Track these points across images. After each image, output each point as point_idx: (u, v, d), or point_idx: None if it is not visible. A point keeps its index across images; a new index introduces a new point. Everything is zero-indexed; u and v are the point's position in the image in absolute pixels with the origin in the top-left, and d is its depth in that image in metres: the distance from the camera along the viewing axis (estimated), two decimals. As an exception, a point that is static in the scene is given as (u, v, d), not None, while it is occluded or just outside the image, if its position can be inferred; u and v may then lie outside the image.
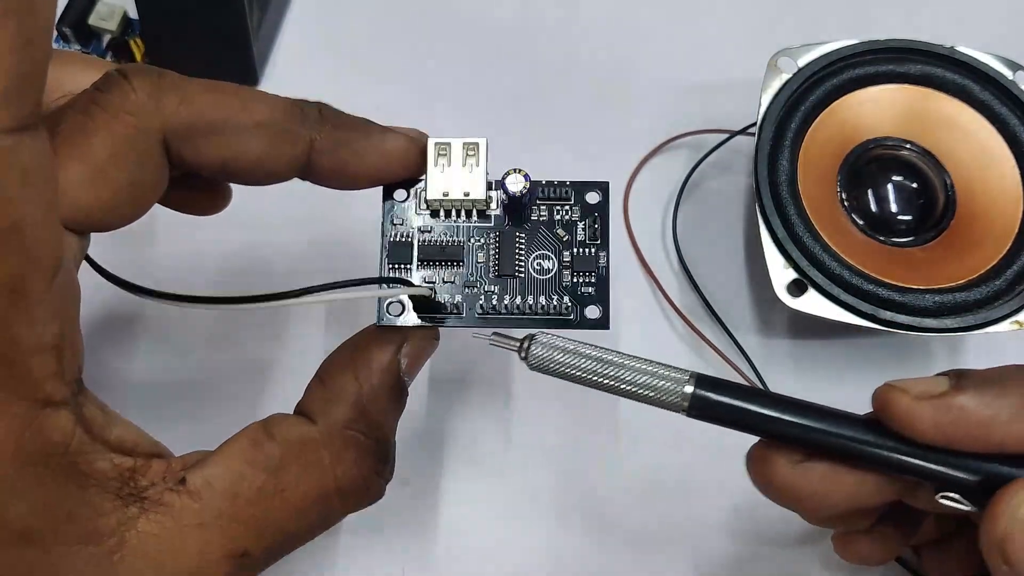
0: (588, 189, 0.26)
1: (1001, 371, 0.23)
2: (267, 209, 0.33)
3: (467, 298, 0.26)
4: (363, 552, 0.32)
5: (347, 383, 0.24)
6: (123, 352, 0.35)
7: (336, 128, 0.24)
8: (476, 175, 0.25)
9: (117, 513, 0.20)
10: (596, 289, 0.26)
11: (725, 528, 0.33)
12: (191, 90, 0.23)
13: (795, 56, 0.36)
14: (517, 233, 0.26)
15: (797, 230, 0.33)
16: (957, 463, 0.22)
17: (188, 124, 0.22)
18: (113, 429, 0.21)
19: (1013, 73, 0.35)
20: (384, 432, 0.25)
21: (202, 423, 0.23)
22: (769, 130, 0.34)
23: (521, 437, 0.34)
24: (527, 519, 0.33)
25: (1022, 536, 0.21)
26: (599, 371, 0.24)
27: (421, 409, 0.35)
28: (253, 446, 0.23)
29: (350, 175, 0.25)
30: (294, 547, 0.24)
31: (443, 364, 0.35)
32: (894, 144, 0.36)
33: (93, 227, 0.22)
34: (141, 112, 0.22)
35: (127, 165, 0.22)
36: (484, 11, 0.42)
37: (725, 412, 0.23)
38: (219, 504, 0.22)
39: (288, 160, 0.24)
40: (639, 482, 0.34)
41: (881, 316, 0.32)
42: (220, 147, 0.23)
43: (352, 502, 0.24)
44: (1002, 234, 0.34)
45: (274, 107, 0.23)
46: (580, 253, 0.26)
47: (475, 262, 0.26)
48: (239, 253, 0.37)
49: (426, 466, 0.34)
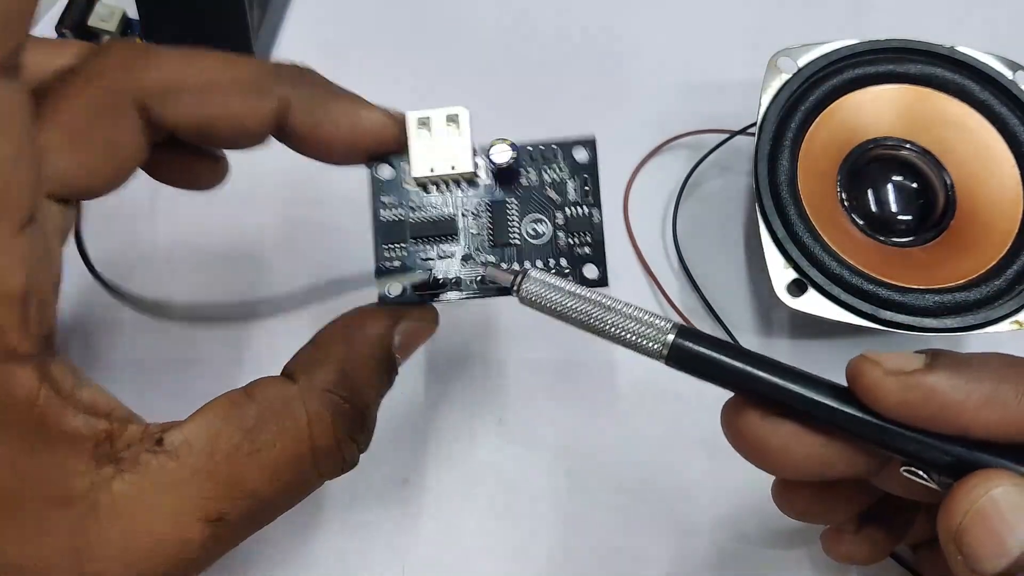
0: (575, 146, 0.26)
1: (979, 357, 0.22)
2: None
3: (464, 270, 0.26)
4: (363, 551, 0.32)
5: (335, 348, 0.24)
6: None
7: (313, 89, 0.24)
8: (461, 146, 0.25)
9: (90, 475, 0.20)
10: (592, 249, 0.26)
11: (723, 528, 0.33)
12: (164, 53, 0.23)
13: (795, 56, 0.36)
14: (508, 199, 0.26)
15: (797, 230, 0.33)
16: (923, 441, 0.22)
17: (161, 84, 0.23)
18: (84, 391, 0.21)
19: (1013, 73, 0.35)
20: (364, 400, 0.25)
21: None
22: (769, 130, 0.34)
23: (521, 437, 0.34)
24: (527, 518, 0.33)
25: (977, 529, 0.20)
26: (586, 311, 0.24)
27: (421, 408, 0.35)
28: (232, 405, 0.23)
29: (324, 141, 0.24)
30: (271, 516, 0.23)
31: (444, 364, 0.35)
32: (894, 144, 0.36)
33: (74, 192, 0.22)
34: (114, 75, 0.22)
35: (103, 127, 0.22)
36: (484, 12, 0.42)
37: (700, 363, 0.23)
38: (195, 462, 0.21)
39: (263, 117, 0.24)
40: (639, 482, 0.34)
41: (881, 316, 0.32)
42: (194, 106, 0.23)
43: (327, 467, 0.24)
44: (1002, 234, 0.34)
45: (249, 66, 0.24)
46: (573, 213, 0.26)
47: (469, 233, 0.26)
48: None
49: (426, 465, 0.34)
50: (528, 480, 0.34)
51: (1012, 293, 0.32)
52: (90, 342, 0.35)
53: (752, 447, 0.24)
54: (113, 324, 0.35)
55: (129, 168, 0.23)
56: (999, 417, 0.21)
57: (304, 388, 0.23)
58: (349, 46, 0.41)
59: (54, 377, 0.20)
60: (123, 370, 0.34)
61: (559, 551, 0.33)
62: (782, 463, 0.23)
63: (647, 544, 0.33)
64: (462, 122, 0.25)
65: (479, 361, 0.35)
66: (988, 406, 0.21)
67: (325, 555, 0.32)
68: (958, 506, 0.21)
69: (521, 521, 0.33)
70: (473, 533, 0.33)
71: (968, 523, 0.21)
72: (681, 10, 0.43)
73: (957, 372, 0.22)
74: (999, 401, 0.21)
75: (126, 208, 0.24)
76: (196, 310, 0.31)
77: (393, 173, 0.26)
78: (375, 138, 0.25)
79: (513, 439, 0.34)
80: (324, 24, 0.42)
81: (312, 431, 0.23)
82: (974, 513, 0.21)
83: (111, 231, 0.25)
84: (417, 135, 0.25)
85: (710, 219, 0.39)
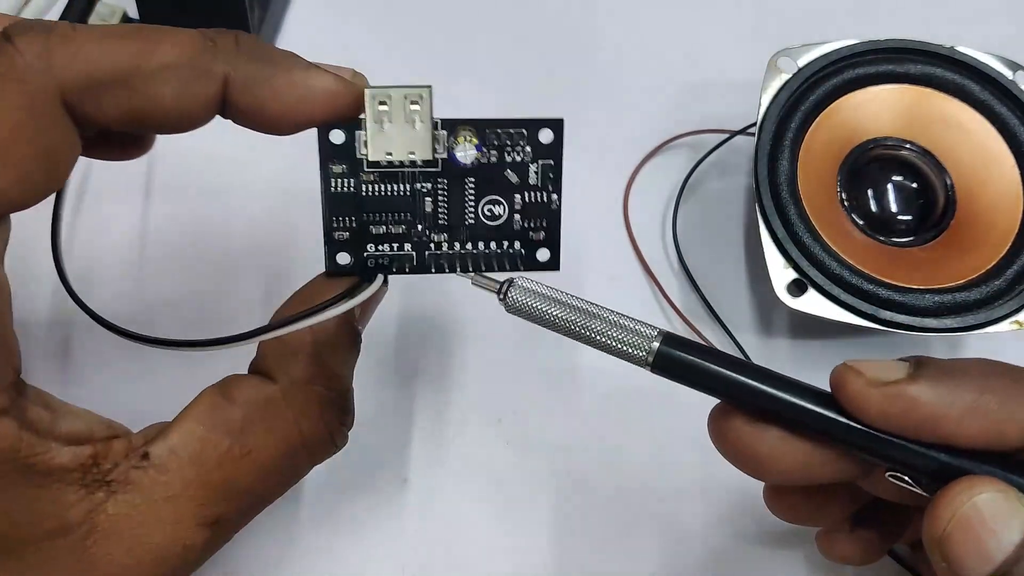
0: (541, 126, 0.24)
1: (962, 363, 0.22)
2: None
3: (416, 247, 0.25)
4: (363, 551, 0.32)
5: (302, 336, 0.23)
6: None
7: (254, 61, 0.22)
8: (421, 132, 0.23)
9: (84, 502, 0.20)
10: (546, 233, 0.25)
11: (719, 528, 0.33)
12: (85, 41, 0.21)
13: (795, 56, 0.36)
14: (466, 179, 0.24)
15: (797, 230, 0.33)
16: (907, 448, 0.22)
17: (87, 78, 0.21)
18: (62, 423, 0.21)
19: (1013, 73, 0.35)
20: (343, 383, 0.25)
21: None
22: (769, 130, 0.34)
23: (521, 437, 0.34)
24: (527, 518, 0.33)
25: (961, 536, 0.20)
26: (572, 319, 0.24)
27: (421, 409, 0.35)
28: (213, 410, 0.22)
29: (270, 116, 0.22)
30: (265, 505, 0.24)
31: (444, 364, 0.35)
32: (894, 144, 0.36)
33: (8, 208, 0.21)
34: (33, 76, 0.20)
35: (31, 137, 0.20)
36: (485, 12, 0.42)
37: (686, 370, 0.23)
38: (186, 473, 0.21)
39: (201, 102, 0.22)
40: (638, 482, 0.34)
41: (881, 316, 0.32)
42: (125, 98, 0.21)
43: (319, 455, 0.24)
44: (1002, 234, 0.34)
45: (181, 45, 0.22)
46: (532, 198, 0.25)
47: (423, 211, 0.25)
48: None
49: (426, 465, 0.34)
50: (527, 480, 0.34)
51: (1012, 293, 0.32)
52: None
53: (739, 453, 0.24)
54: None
55: (65, 172, 0.22)
56: (981, 426, 0.21)
57: (285, 386, 0.23)
58: (350, 45, 0.41)
59: (31, 420, 0.20)
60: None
61: (559, 550, 0.33)
62: (769, 468, 0.23)
63: (645, 544, 0.33)
64: (424, 103, 0.23)
65: (479, 362, 0.35)
66: (971, 416, 0.21)
67: (325, 555, 0.32)
68: (942, 513, 0.21)
69: (520, 521, 0.33)
70: (473, 533, 0.33)
71: (952, 530, 0.21)
72: (681, 10, 0.43)
73: (939, 382, 0.22)
74: (981, 411, 0.21)
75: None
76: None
77: (344, 138, 0.23)
78: (325, 107, 0.23)
79: (512, 439, 0.34)
80: (324, 24, 0.42)
81: (301, 427, 0.23)
82: (957, 520, 0.21)
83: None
84: (374, 115, 0.23)
85: (710, 219, 0.39)
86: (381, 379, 0.35)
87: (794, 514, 0.28)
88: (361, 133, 0.23)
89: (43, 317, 0.34)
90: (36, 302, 0.34)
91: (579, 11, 0.43)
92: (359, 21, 0.42)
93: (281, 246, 0.37)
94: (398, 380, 0.35)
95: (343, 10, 0.42)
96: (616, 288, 0.37)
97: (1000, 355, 0.36)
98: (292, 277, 0.35)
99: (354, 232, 0.25)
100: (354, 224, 0.24)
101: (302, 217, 0.36)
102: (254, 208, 0.37)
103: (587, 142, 0.39)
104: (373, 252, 0.25)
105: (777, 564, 0.33)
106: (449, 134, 0.24)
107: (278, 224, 0.37)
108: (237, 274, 0.36)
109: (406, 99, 0.23)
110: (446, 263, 0.25)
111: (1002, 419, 0.21)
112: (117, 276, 0.35)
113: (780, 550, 0.33)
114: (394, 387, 0.35)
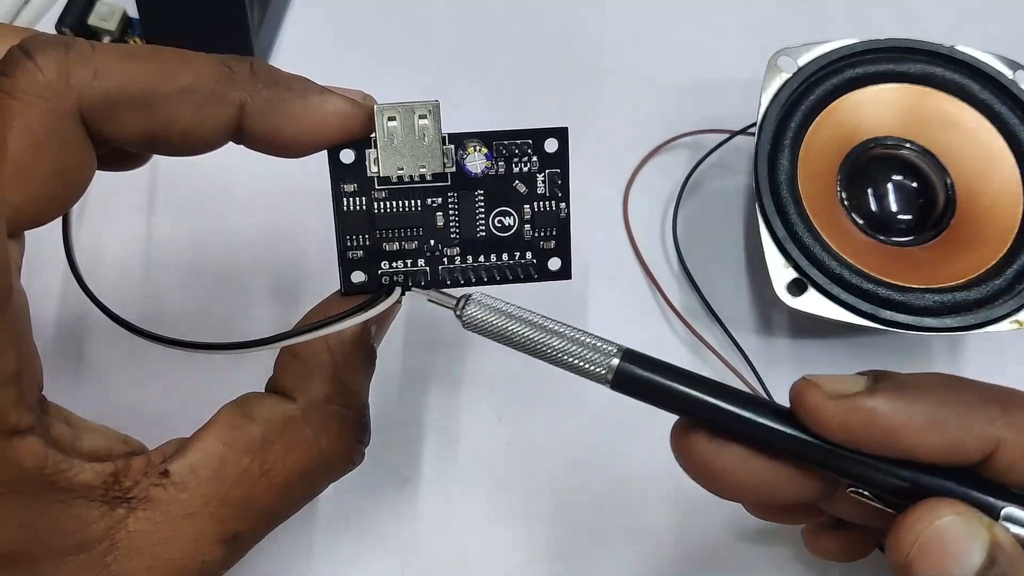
0: (546, 136, 0.25)
1: (921, 377, 0.22)
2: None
3: (430, 262, 0.25)
4: (364, 551, 0.32)
5: (320, 355, 0.24)
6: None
7: (268, 87, 0.22)
8: (431, 146, 0.24)
9: (105, 519, 0.20)
10: (557, 242, 0.25)
11: (717, 527, 0.33)
12: (104, 60, 0.21)
13: (795, 56, 0.36)
14: (476, 191, 0.25)
15: (797, 230, 0.33)
16: (867, 463, 0.22)
17: (105, 98, 0.21)
18: (84, 439, 0.21)
19: (1013, 72, 0.35)
20: (361, 401, 0.25)
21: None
22: (769, 130, 0.34)
23: (520, 436, 0.34)
24: (526, 518, 0.33)
25: (923, 561, 0.20)
26: (530, 336, 0.24)
27: (421, 409, 0.35)
28: (233, 428, 0.23)
29: (285, 141, 0.23)
30: (282, 521, 0.24)
31: (444, 363, 0.35)
32: (894, 143, 0.36)
33: (26, 225, 0.21)
34: (53, 93, 0.20)
35: (50, 154, 0.20)
36: (485, 10, 0.42)
37: (645, 388, 0.23)
38: (206, 490, 0.21)
39: (217, 127, 0.22)
40: (637, 481, 0.34)
41: (881, 316, 0.32)
42: (142, 119, 0.21)
43: (336, 472, 0.25)
44: (1002, 233, 0.34)
45: (199, 69, 0.22)
46: (541, 207, 0.25)
47: (435, 226, 0.25)
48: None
49: (426, 465, 0.34)
50: (527, 479, 0.34)
51: (1012, 293, 0.32)
52: (78, 346, 0.35)
53: (699, 470, 0.23)
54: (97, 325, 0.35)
55: (82, 189, 0.22)
56: (941, 440, 0.21)
57: (304, 406, 0.23)
58: (351, 45, 0.41)
59: (55, 437, 0.21)
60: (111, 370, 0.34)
61: (559, 550, 0.33)
62: (729, 486, 0.23)
63: (645, 543, 0.33)
64: (432, 118, 0.24)
65: (479, 362, 0.35)
66: (929, 429, 0.21)
67: (324, 555, 0.32)
68: (904, 537, 0.21)
69: (520, 520, 0.33)
70: (472, 533, 0.33)
71: (915, 555, 0.21)
72: (681, 10, 0.43)
73: (897, 394, 0.21)
74: (939, 423, 0.21)
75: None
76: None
77: (354, 157, 0.24)
78: (338, 129, 0.23)
79: (511, 438, 0.34)
80: (324, 23, 0.42)
81: (320, 445, 0.23)
82: (920, 546, 0.21)
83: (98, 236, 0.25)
84: (385, 130, 0.23)
85: (710, 219, 0.39)
86: (381, 379, 0.34)
87: (770, 516, 0.28)
88: (371, 151, 0.24)
89: (50, 319, 0.34)
90: (42, 311, 0.34)
91: (579, 12, 0.43)
92: (359, 22, 0.42)
93: (289, 258, 0.37)
94: (398, 380, 0.35)
95: (343, 11, 0.42)
96: (616, 289, 0.37)
97: (1000, 354, 0.36)
98: (302, 291, 0.36)
99: (367, 250, 0.25)
100: (367, 242, 0.25)
101: (311, 223, 0.36)
102: (260, 218, 0.37)
103: (587, 142, 0.39)
104: (387, 269, 0.25)
105: (778, 564, 0.33)
106: (457, 147, 0.24)
107: (285, 234, 0.37)
108: (245, 285, 0.36)
109: (414, 113, 0.24)
110: (460, 276, 0.25)
111: (960, 433, 0.21)
112: (121, 286, 0.36)
113: (781, 550, 0.33)
114: (394, 387, 0.35)
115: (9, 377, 0.19)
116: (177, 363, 0.34)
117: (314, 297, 0.26)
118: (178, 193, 0.37)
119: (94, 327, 0.35)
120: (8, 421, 0.19)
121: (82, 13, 0.39)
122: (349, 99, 0.23)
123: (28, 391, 0.20)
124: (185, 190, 0.37)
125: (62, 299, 0.35)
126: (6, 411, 0.19)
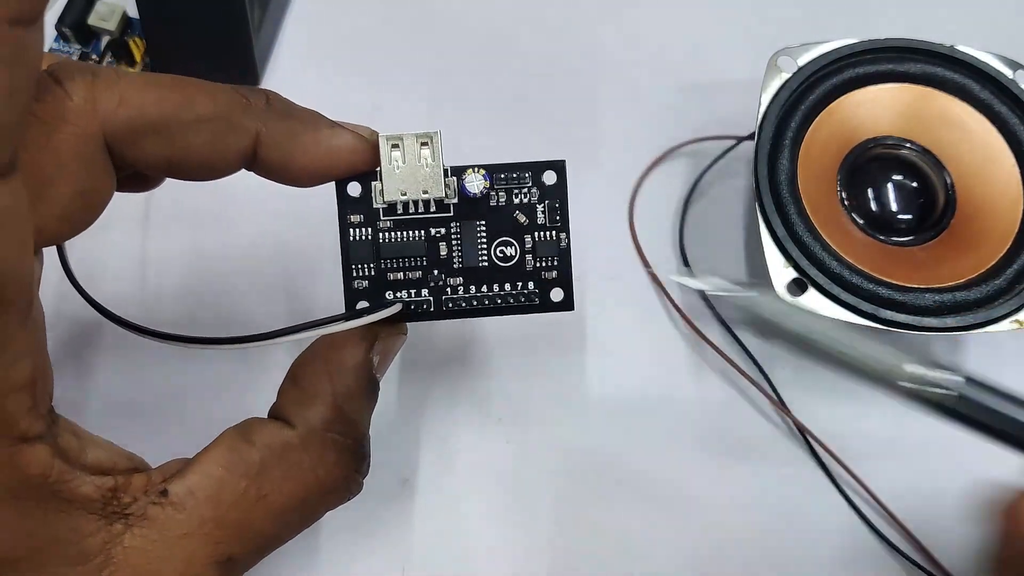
0: (544, 169, 0.26)
1: None
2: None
3: (433, 292, 0.26)
4: (364, 552, 0.32)
5: (321, 384, 0.24)
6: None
7: (283, 119, 0.24)
8: (433, 171, 0.25)
9: (102, 533, 0.21)
10: (558, 272, 0.26)
11: (717, 527, 0.33)
12: (128, 88, 0.22)
13: (795, 56, 0.36)
14: (478, 222, 0.26)
15: (797, 229, 0.33)
16: None
17: (128, 125, 0.22)
18: (89, 452, 0.22)
19: (1013, 72, 0.35)
20: (360, 430, 0.25)
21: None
22: (769, 129, 0.34)
23: (521, 436, 0.34)
24: (527, 518, 0.33)
25: None
26: None
27: (421, 409, 0.35)
28: (232, 452, 0.23)
29: (296, 170, 0.24)
30: (277, 547, 0.24)
31: (445, 363, 0.35)
32: (894, 143, 0.36)
33: (47, 243, 0.22)
34: (79, 118, 0.21)
35: (73, 176, 0.21)
36: (486, 15, 0.42)
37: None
38: (202, 512, 0.22)
39: (233, 154, 0.23)
40: (638, 481, 0.34)
41: (881, 315, 0.32)
42: (163, 146, 0.22)
43: (333, 501, 0.25)
44: (1002, 233, 0.34)
45: (217, 99, 0.23)
46: (541, 237, 0.26)
47: (438, 256, 0.26)
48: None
49: (426, 465, 0.34)
50: (527, 480, 0.34)
51: (1012, 292, 0.32)
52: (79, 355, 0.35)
53: None
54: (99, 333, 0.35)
55: (100, 209, 0.23)
56: None
57: (302, 433, 0.24)
58: (351, 46, 0.41)
59: (62, 448, 0.21)
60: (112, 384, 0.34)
61: (558, 550, 0.33)
62: None
63: (645, 542, 0.33)
64: (435, 146, 0.25)
65: (479, 362, 0.35)
66: None
67: (324, 555, 0.32)
68: None
69: (521, 521, 0.33)
70: (473, 533, 0.33)
71: None
72: (681, 10, 0.43)
73: None
74: None
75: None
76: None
77: (360, 190, 0.25)
78: (347, 163, 0.24)
79: (512, 439, 0.34)
80: (325, 24, 0.42)
81: (317, 472, 0.24)
82: None
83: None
84: (389, 158, 0.25)
85: (710, 219, 0.39)
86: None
87: None
88: (376, 184, 0.25)
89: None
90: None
91: (580, 16, 0.43)
92: (359, 23, 0.42)
93: (288, 269, 0.37)
94: (398, 380, 0.35)
95: (343, 12, 0.42)
96: (618, 290, 0.37)
97: (1000, 354, 0.36)
98: (300, 304, 0.36)
99: (372, 280, 0.25)
100: (372, 272, 0.25)
101: (310, 237, 0.36)
102: (260, 232, 0.37)
103: (589, 147, 0.39)
104: (391, 299, 0.26)
105: (781, 565, 0.33)
106: (458, 178, 0.25)
107: (284, 246, 0.37)
108: (244, 296, 0.36)
109: (417, 141, 0.25)
110: (465, 305, 0.26)
111: None
112: (120, 295, 0.35)
113: (783, 549, 0.33)
114: (394, 387, 0.35)
115: (24, 384, 0.19)
116: (178, 363, 0.34)
117: (313, 310, 0.26)
118: (175, 205, 0.37)
119: (93, 329, 0.35)
120: (20, 428, 0.19)
121: (82, 13, 0.39)
122: (358, 135, 0.24)
123: (41, 400, 0.20)
124: (183, 201, 0.37)
125: (57, 303, 0.35)
126: (19, 418, 0.19)
